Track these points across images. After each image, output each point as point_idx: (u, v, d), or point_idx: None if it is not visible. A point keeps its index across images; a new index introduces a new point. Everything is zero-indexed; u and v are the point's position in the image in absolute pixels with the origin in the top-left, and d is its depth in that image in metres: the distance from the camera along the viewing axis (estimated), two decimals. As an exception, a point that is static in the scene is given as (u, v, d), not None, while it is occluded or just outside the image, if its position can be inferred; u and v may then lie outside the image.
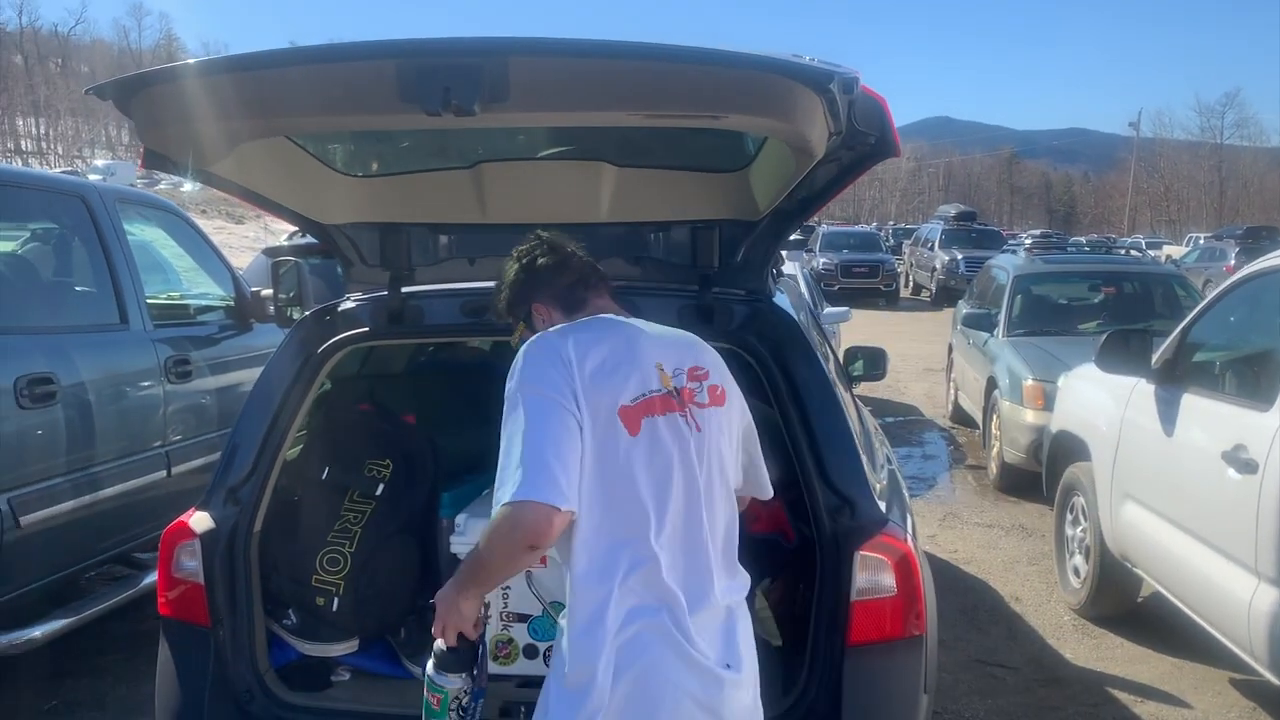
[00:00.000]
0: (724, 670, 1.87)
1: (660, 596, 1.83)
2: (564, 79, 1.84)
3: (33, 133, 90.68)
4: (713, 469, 1.95)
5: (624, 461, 1.84)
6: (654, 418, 1.88)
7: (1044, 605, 5.42)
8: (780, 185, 2.50)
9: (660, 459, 1.86)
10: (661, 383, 1.92)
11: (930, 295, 25.88)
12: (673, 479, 1.87)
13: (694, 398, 1.96)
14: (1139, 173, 78.21)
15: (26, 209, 4.39)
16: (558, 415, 1.80)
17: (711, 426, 1.96)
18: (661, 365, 1.95)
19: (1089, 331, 8.49)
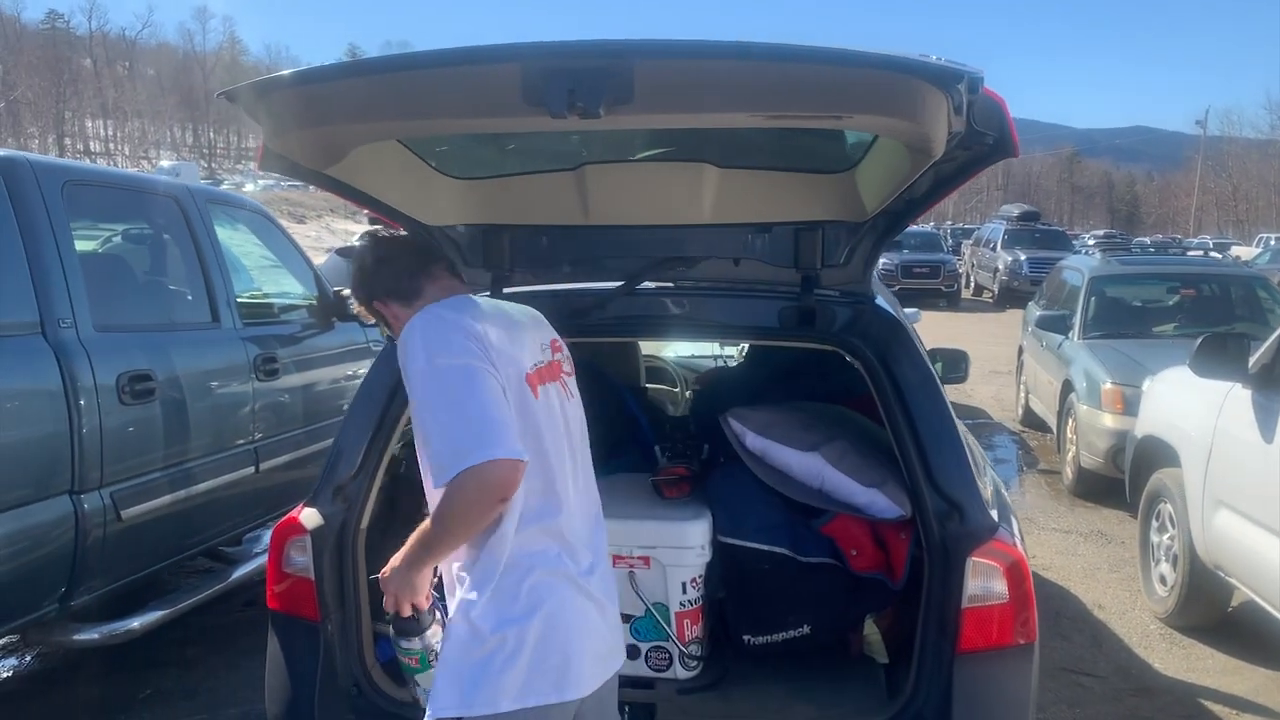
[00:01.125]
0: (611, 607, 2.08)
1: (564, 544, 1.99)
2: (689, 81, 1.84)
3: (101, 134, 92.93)
4: (583, 432, 2.17)
5: (534, 422, 1.96)
6: (546, 385, 2.05)
7: (1128, 613, 5.32)
8: (891, 186, 2.48)
9: (555, 422, 2.03)
10: (541, 356, 2.10)
11: (993, 296, 25.50)
12: (564, 440, 2.05)
13: (562, 368, 2.18)
14: (1205, 172, 76.45)
15: (124, 210, 4.49)
16: (487, 379, 1.88)
17: (573, 396, 2.18)
18: (538, 340, 2.14)
19: (1167, 335, 8.33)
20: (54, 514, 3.49)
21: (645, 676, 2.73)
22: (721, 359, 5.61)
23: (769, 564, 2.71)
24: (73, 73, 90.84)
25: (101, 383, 3.67)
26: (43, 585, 3.52)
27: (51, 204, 3.68)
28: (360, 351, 5.81)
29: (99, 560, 3.69)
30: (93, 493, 3.63)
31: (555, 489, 1.99)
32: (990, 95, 2.02)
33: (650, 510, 2.78)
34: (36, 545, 3.44)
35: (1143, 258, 10.12)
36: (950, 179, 2.43)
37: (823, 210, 2.77)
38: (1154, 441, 5.37)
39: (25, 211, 3.57)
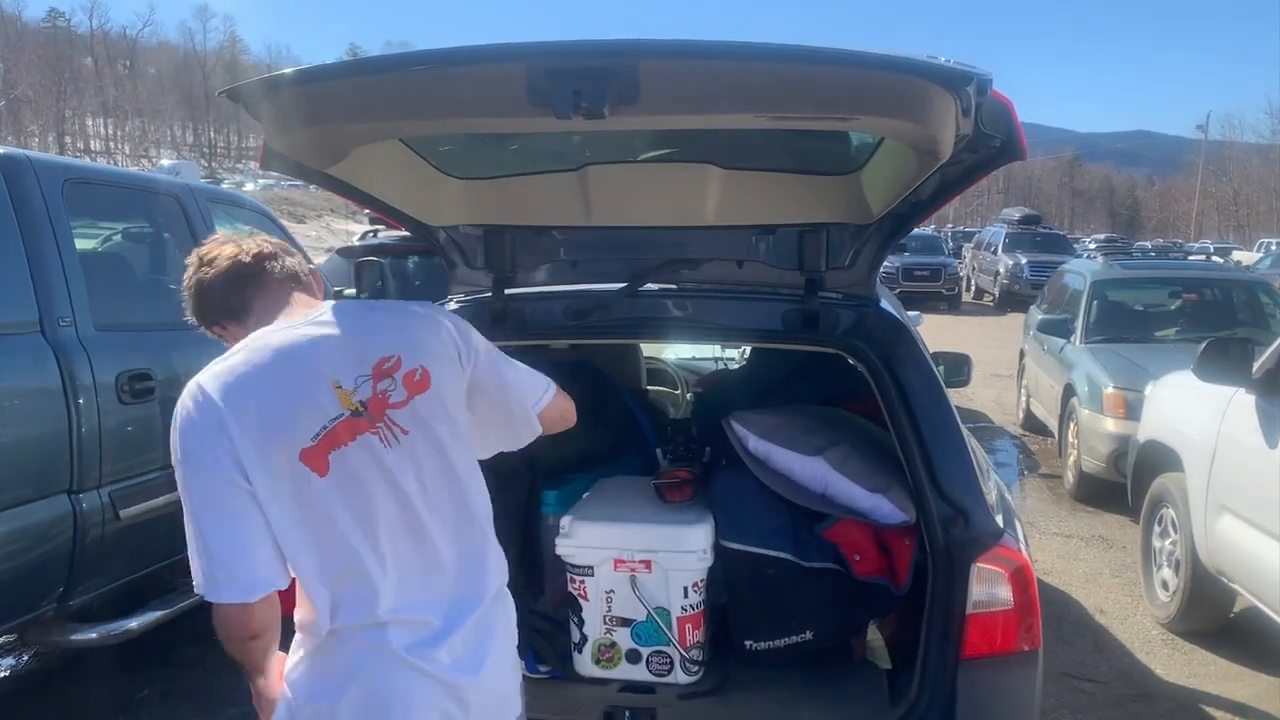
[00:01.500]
0: (462, 677, 1.75)
1: (389, 621, 1.71)
2: (695, 81, 1.82)
3: (101, 133, 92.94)
4: (429, 470, 1.77)
5: (321, 505, 1.68)
6: (342, 449, 1.70)
7: (1130, 618, 5.30)
8: (897, 189, 2.46)
9: (360, 490, 1.71)
10: (341, 404, 1.71)
11: (993, 300, 25.48)
12: (377, 506, 1.71)
13: (388, 401, 1.75)
14: (1206, 176, 76.45)
15: (124, 208, 4.48)
16: (224, 494, 1.65)
17: (419, 422, 1.76)
18: (339, 382, 1.73)
19: (1168, 339, 8.32)
20: (52, 513, 3.47)
21: (646, 681, 2.71)
22: (722, 361, 5.60)
23: (771, 569, 2.69)
24: (73, 71, 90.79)
25: (101, 382, 3.65)
26: (41, 585, 3.50)
27: (51, 202, 3.66)
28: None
29: (97, 560, 3.67)
30: (91, 492, 3.62)
31: (364, 568, 1.70)
32: (998, 97, 2.00)
33: (652, 514, 2.77)
34: (35, 545, 3.42)
35: (1144, 262, 10.10)
36: (956, 181, 2.41)
37: (827, 212, 2.76)
38: (1156, 446, 5.35)
39: (25, 209, 3.55)
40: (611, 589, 2.70)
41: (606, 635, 2.73)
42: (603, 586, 2.71)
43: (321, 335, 1.77)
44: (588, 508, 2.85)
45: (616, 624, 2.72)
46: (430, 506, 1.76)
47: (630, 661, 2.73)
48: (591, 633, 2.74)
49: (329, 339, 1.76)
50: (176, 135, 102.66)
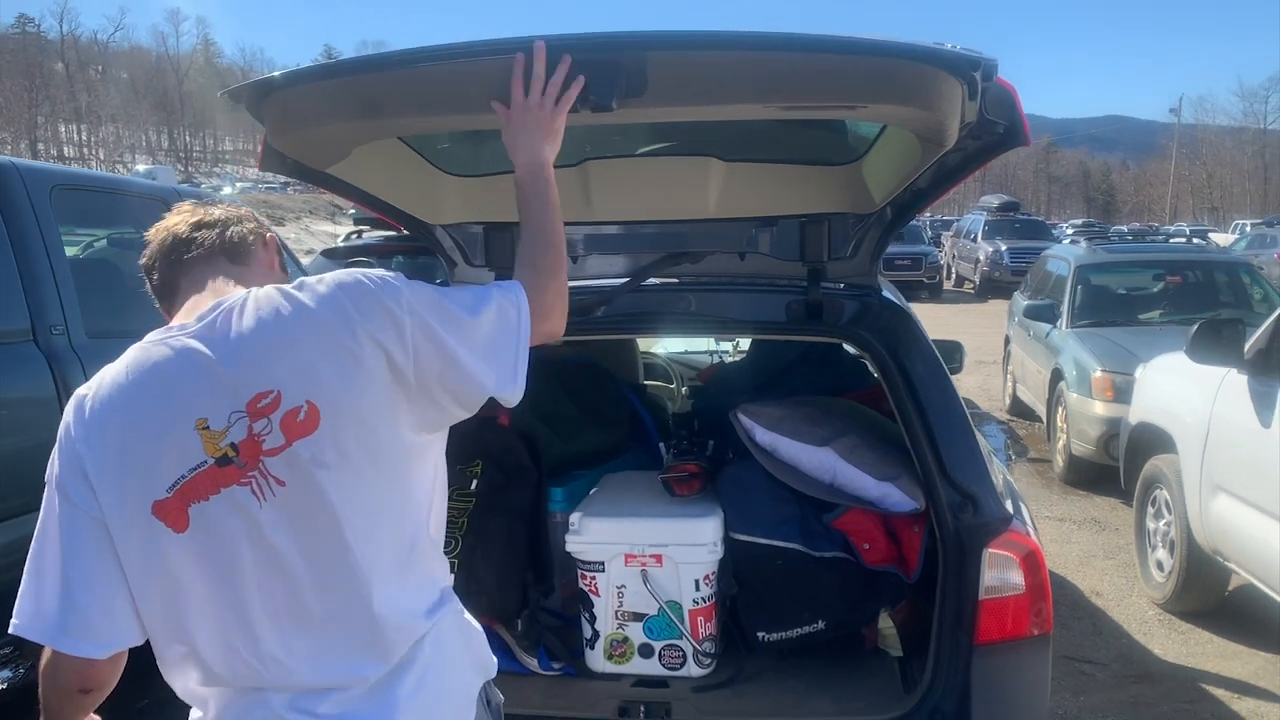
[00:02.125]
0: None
1: (267, 694, 1.45)
2: (703, 72, 1.81)
3: (74, 139, 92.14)
4: (311, 527, 1.41)
5: (175, 566, 1.41)
6: (202, 504, 1.39)
7: (1126, 600, 5.34)
8: (900, 177, 2.46)
9: (222, 550, 1.40)
10: (206, 451, 1.39)
11: (974, 287, 25.60)
12: (244, 567, 1.40)
13: (262, 446, 1.39)
14: (1180, 160, 77.04)
15: (112, 214, 4.43)
16: (84, 531, 1.42)
17: (299, 471, 1.39)
18: (206, 421, 1.39)
19: (1154, 322, 8.38)
20: (50, 524, 3.43)
21: (659, 675, 2.71)
22: (717, 354, 5.60)
23: (782, 559, 2.69)
24: (44, 77, 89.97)
25: (95, 390, 3.61)
26: (40, 596, 3.46)
27: (40, 209, 3.63)
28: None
29: (96, 569, 3.64)
30: (88, 501, 3.58)
31: (228, 638, 1.43)
32: (1002, 84, 2.00)
33: (661, 508, 2.76)
34: (33, 556, 3.38)
35: (1128, 246, 10.17)
36: (958, 169, 2.41)
37: (829, 202, 2.76)
38: (1148, 428, 5.39)
39: (14, 217, 3.52)
40: (622, 584, 2.69)
41: (618, 630, 2.72)
42: (613, 582, 2.70)
43: (198, 353, 1.41)
44: (596, 504, 2.85)
45: (628, 619, 2.72)
46: (313, 567, 1.42)
47: (643, 656, 2.72)
48: (603, 628, 2.74)
49: (204, 360, 1.40)
50: (151, 140, 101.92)
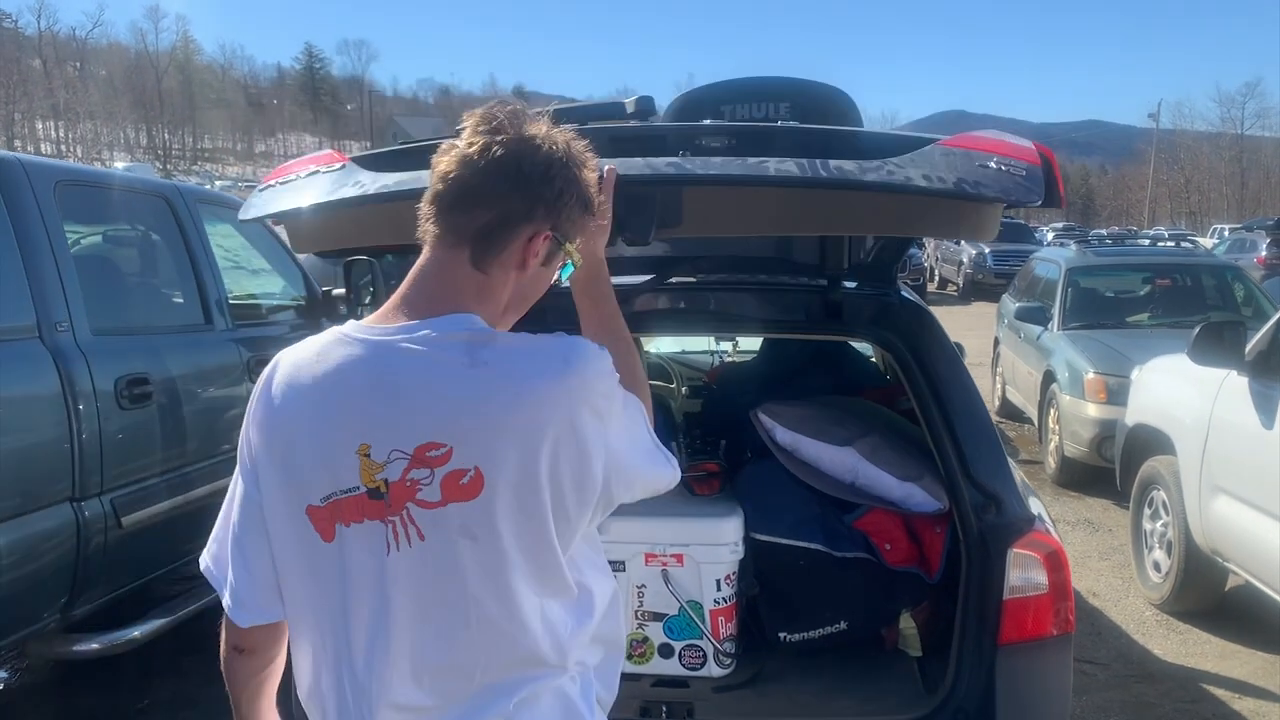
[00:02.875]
0: None
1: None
2: (742, 206, 1.80)
3: (52, 136, 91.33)
4: (446, 591, 1.31)
5: (315, 569, 1.36)
6: (345, 527, 1.33)
7: (1123, 600, 5.37)
8: None
9: (352, 579, 1.34)
10: (362, 478, 1.30)
11: (957, 290, 25.73)
12: (354, 610, 1.34)
13: (415, 494, 1.29)
14: (1158, 164, 77.67)
15: (115, 210, 4.39)
16: (246, 501, 1.41)
17: (443, 534, 1.29)
18: (369, 449, 1.30)
19: (1144, 324, 8.45)
20: (55, 522, 3.40)
21: (680, 675, 2.70)
22: (716, 354, 5.59)
23: (803, 560, 2.69)
24: (22, 73, 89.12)
25: (100, 387, 3.58)
26: (44, 595, 3.43)
27: (45, 204, 3.58)
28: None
29: (100, 569, 3.61)
30: (93, 499, 3.55)
31: (340, 676, 1.38)
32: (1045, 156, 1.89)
33: (682, 507, 2.75)
34: (38, 555, 3.35)
35: (1118, 249, 10.24)
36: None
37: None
38: (1146, 430, 5.42)
39: (19, 212, 3.47)
40: (643, 584, 2.69)
41: (639, 630, 2.72)
42: (634, 581, 2.69)
43: (387, 373, 1.30)
44: None
45: (648, 619, 2.71)
46: (422, 631, 1.33)
47: (663, 656, 2.71)
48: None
49: (389, 384, 1.30)
50: (130, 137, 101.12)
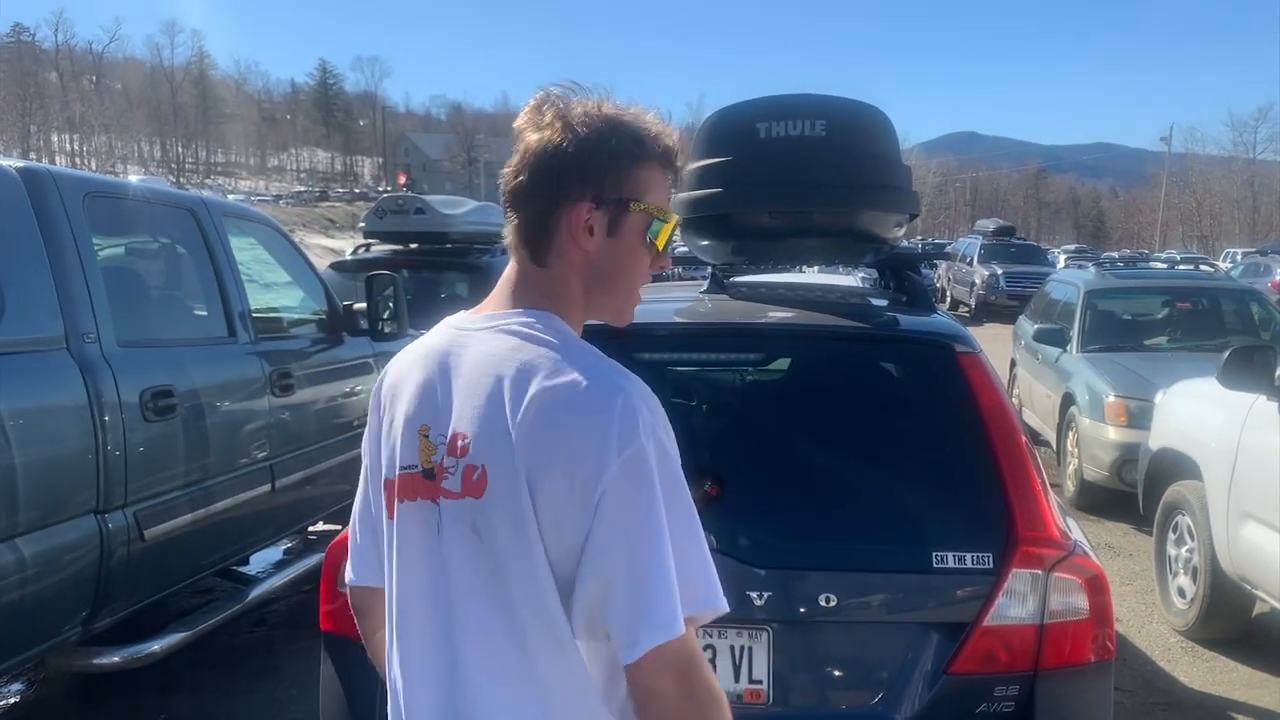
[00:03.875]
0: None
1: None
2: None
3: (67, 148, 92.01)
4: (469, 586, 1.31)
5: (387, 541, 1.42)
6: (400, 504, 1.38)
7: (1146, 626, 5.32)
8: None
9: (404, 557, 1.38)
10: (420, 457, 1.35)
11: (969, 311, 25.67)
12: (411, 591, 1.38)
13: (443, 481, 1.32)
14: (1170, 188, 77.60)
15: (143, 222, 4.39)
16: (365, 471, 1.55)
17: (463, 524, 1.30)
18: (429, 429, 1.34)
19: (1163, 347, 8.40)
20: (79, 534, 3.38)
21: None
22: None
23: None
24: (38, 86, 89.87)
25: (125, 399, 3.57)
26: (67, 608, 3.41)
27: (74, 216, 3.58)
28: (367, 366, 5.72)
29: (122, 582, 3.59)
30: (117, 512, 3.53)
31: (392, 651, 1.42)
32: None
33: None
34: (62, 567, 3.33)
35: (1137, 272, 10.21)
36: None
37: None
38: (1170, 454, 5.38)
39: (49, 223, 3.47)
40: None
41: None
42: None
43: (460, 361, 1.35)
44: None
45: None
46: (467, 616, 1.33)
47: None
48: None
49: (454, 368, 1.35)
50: (144, 150, 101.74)
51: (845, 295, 3.42)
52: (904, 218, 3.23)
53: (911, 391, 2.91)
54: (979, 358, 2.69)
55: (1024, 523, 2.44)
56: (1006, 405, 2.64)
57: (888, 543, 2.56)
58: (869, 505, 2.65)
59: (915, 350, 2.84)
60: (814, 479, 2.72)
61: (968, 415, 2.56)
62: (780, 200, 2.99)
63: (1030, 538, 2.43)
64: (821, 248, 3.43)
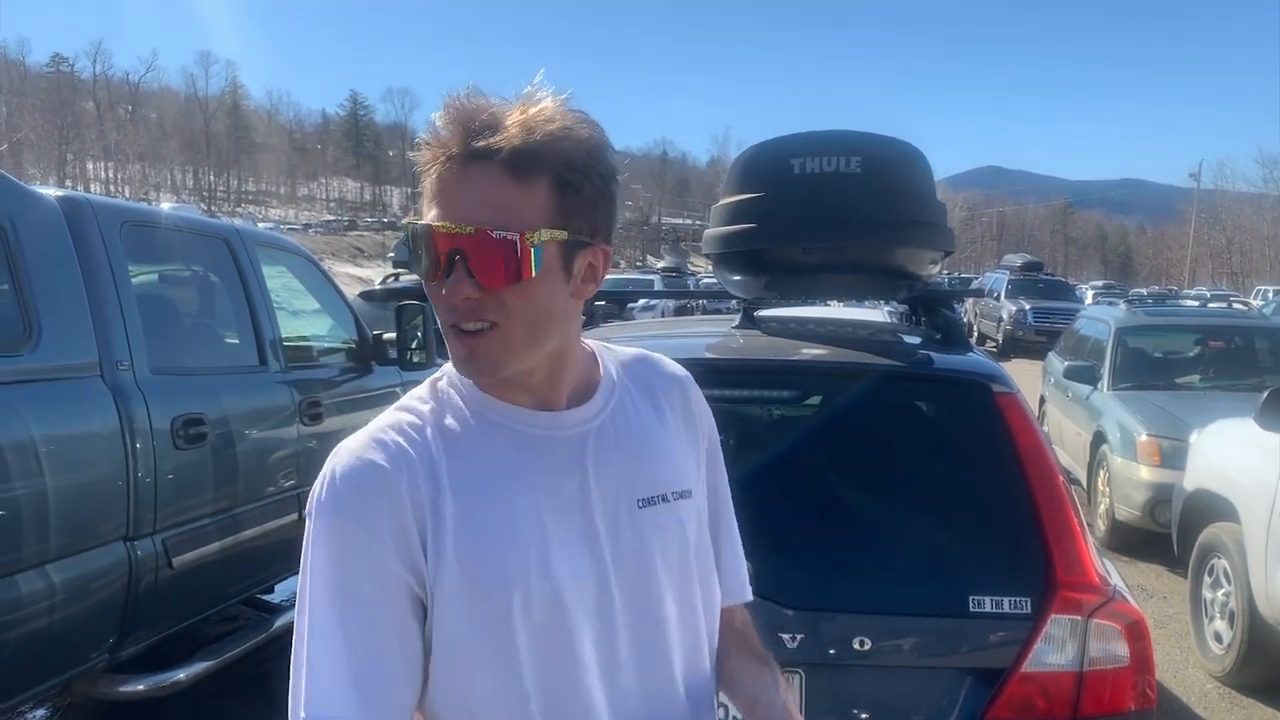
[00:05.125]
0: None
1: None
2: None
3: (101, 176, 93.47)
4: None
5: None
6: None
7: (1181, 671, 5.21)
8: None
9: None
10: None
11: (996, 346, 25.50)
12: None
13: None
14: (1199, 224, 77.08)
15: (177, 251, 4.43)
16: None
17: None
18: None
19: (1196, 386, 8.30)
20: (108, 561, 3.39)
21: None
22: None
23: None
24: (75, 115, 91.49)
25: (157, 426, 3.58)
26: (95, 635, 3.41)
27: (110, 244, 3.62)
28: (395, 396, 5.73)
29: (149, 609, 3.59)
30: (145, 539, 3.54)
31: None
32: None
33: None
34: (90, 593, 3.33)
35: (1169, 309, 10.10)
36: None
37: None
38: (1206, 495, 5.29)
39: (86, 252, 3.51)
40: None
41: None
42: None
43: None
44: None
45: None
46: None
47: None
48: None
49: None
50: (177, 179, 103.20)
51: (877, 331, 3.39)
52: (939, 254, 3.21)
53: (947, 431, 2.88)
54: (1016, 398, 2.65)
55: (1062, 567, 2.40)
56: (1044, 446, 2.60)
57: (922, 585, 2.52)
58: (903, 546, 2.60)
59: (951, 389, 2.80)
60: (847, 519, 2.69)
61: (1005, 456, 2.52)
62: (814, 236, 2.97)
63: (1069, 582, 2.38)
64: (855, 284, 3.40)
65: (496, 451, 1.21)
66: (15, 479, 3.01)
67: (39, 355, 3.21)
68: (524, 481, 1.20)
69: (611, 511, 1.24)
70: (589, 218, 1.15)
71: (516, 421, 1.23)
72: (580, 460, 1.24)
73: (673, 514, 1.29)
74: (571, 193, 1.12)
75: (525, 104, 1.11)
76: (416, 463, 1.18)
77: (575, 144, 1.11)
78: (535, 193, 1.10)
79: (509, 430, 1.22)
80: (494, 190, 1.09)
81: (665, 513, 1.28)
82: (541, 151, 1.09)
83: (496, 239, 1.08)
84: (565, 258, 1.15)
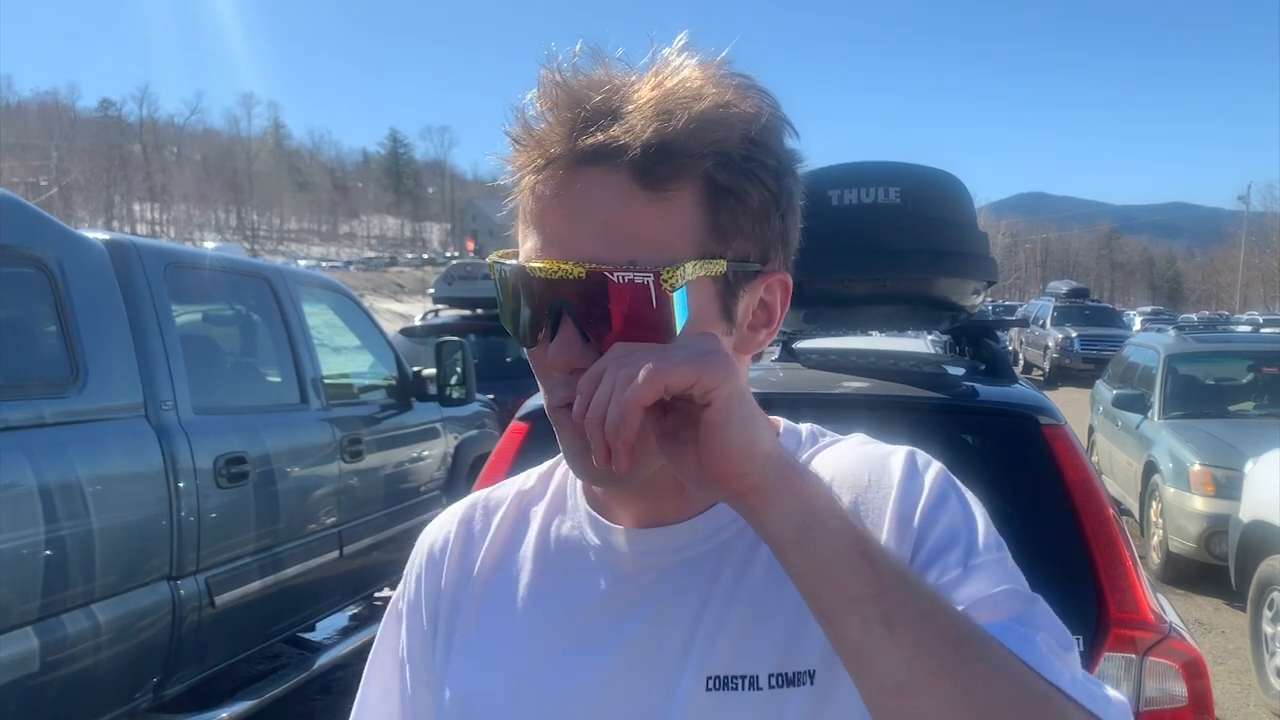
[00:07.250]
0: None
1: None
2: None
3: (148, 216, 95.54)
4: None
5: None
6: None
7: (1243, 709, 5.05)
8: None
9: None
10: None
11: (1043, 374, 25.16)
12: None
13: None
14: (1250, 247, 75.84)
15: (220, 291, 4.49)
16: None
17: None
18: None
19: (1248, 414, 8.12)
20: (152, 600, 3.40)
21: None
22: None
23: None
24: (123, 158, 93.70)
25: (200, 465, 3.61)
26: (139, 674, 3.42)
27: (155, 286, 3.67)
28: (435, 432, 5.75)
29: (193, 648, 3.60)
30: (189, 578, 3.55)
31: None
32: None
33: None
34: (135, 633, 3.35)
35: (1220, 335, 9.93)
36: None
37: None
38: (1264, 526, 5.15)
39: (131, 294, 3.56)
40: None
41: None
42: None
43: None
44: None
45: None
46: None
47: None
48: None
49: None
50: (220, 218, 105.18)
51: (920, 363, 3.34)
52: (982, 285, 3.16)
53: (993, 464, 2.82)
54: (1064, 430, 2.59)
55: (1115, 604, 2.33)
56: (1094, 479, 2.54)
57: None
58: None
59: (997, 421, 2.75)
60: None
61: (1053, 490, 2.47)
62: (853, 268, 2.94)
63: (1122, 620, 2.31)
64: (897, 315, 3.37)
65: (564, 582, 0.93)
66: (62, 519, 3.04)
67: (85, 397, 3.25)
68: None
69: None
70: (758, 236, 0.81)
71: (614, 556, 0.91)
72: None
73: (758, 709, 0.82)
74: (730, 202, 0.78)
75: (659, 74, 0.78)
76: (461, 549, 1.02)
77: (734, 128, 0.77)
78: (676, 207, 0.77)
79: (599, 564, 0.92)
80: (617, 209, 0.76)
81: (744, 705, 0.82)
82: (686, 145, 0.76)
83: (621, 284, 0.74)
84: (725, 297, 0.81)
